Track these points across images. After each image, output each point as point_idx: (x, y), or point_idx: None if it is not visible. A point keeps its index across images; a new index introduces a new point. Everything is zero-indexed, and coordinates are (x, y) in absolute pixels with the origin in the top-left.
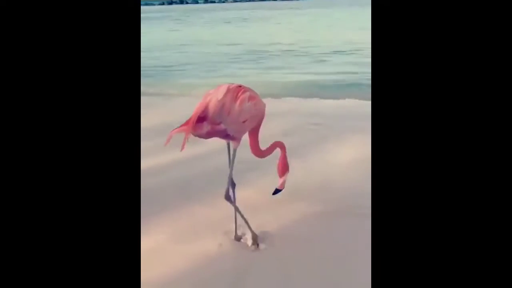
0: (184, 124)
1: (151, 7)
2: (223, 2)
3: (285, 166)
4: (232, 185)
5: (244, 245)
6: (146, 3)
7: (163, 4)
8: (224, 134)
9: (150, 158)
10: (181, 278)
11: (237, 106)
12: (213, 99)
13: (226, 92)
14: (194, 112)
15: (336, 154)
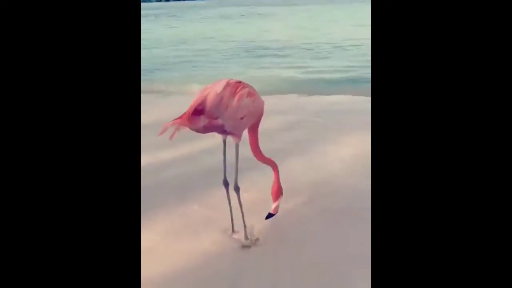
0: (180, 116)
1: (150, 4)
2: None
3: (279, 190)
4: (226, 184)
5: (241, 241)
6: (144, 0)
7: (160, 1)
8: (221, 130)
9: (147, 155)
10: (178, 276)
11: (235, 101)
12: (211, 93)
13: (225, 86)
14: (192, 104)
15: (335, 151)
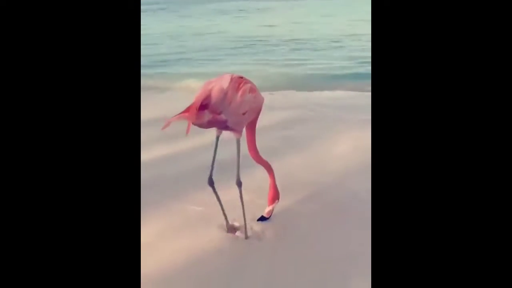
0: (185, 110)
1: None
2: None
3: (275, 195)
4: (210, 182)
5: (238, 239)
6: None
7: None
8: (224, 125)
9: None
10: (177, 272)
11: (239, 96)
12: (216, 87)
13: (230, 81)
14: (196, 99)
15: (334, 147)
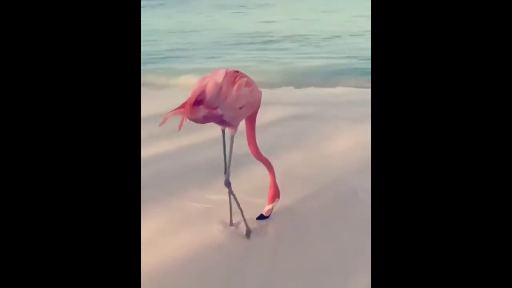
0: (180, 106)
1: None
2: None
3: (276, 192)
4: (227, 184)
5: (239, 235)
6: None
7: None
8: (220, 120)
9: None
10: (177, 268)
11: (234, 91)
12: (210, 82)
13: (224, 76)
14: (191, 94)
15: (334, 144)
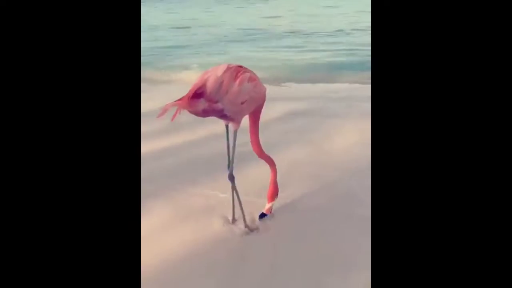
0: (179, 99)
1: None
2: None
3: (275, 191)
4: (231, 178)
5: (240, 230)
6: None
7: None
8: (221, 114)
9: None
10: (177, 263)
11: (236, 85)
12: (211, 76)
13: (226, 70)
14: (192, 87)
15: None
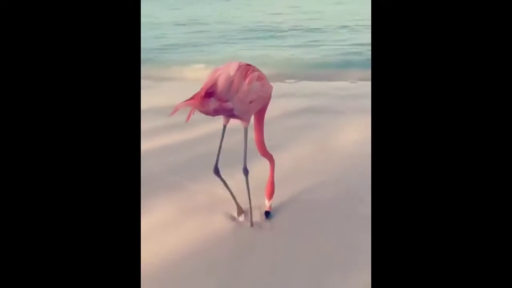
0: (191, 98)
1: None
2: None
3: (273, 188)
4: (216, 170)
5: (246, 225)
6: None
7: None
8: (230, 113)
9: (146, 141)
10: (180, 260)
11: (245, 84)
12: (222, 75)
13: (237, 69)
14: (203, 86)
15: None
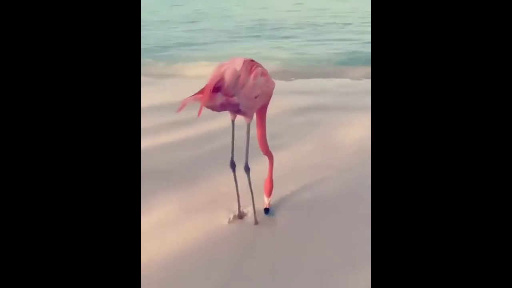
0: (198, 92)
1: None
2: None
3: (272, 186)
4: (233, 165)
5: (247, 224)
6: None
7: None
8: (236, 108)
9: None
10: (183, 257)
11: (251, 79)
12: (229, 70)
13: (242, 64)
14: (210, 81)
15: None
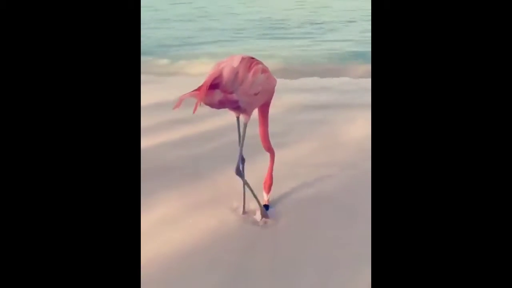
0: (196, 89)
1: None
2: None
3: (271, 182)
4: (242, 160)
5: (251, 221)
6: None
7: None
8: (235, 105)
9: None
10: (187, 255)
11: (250, 76)
12: (227, 67)
13: (240, 61)
14: (207, 78)
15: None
